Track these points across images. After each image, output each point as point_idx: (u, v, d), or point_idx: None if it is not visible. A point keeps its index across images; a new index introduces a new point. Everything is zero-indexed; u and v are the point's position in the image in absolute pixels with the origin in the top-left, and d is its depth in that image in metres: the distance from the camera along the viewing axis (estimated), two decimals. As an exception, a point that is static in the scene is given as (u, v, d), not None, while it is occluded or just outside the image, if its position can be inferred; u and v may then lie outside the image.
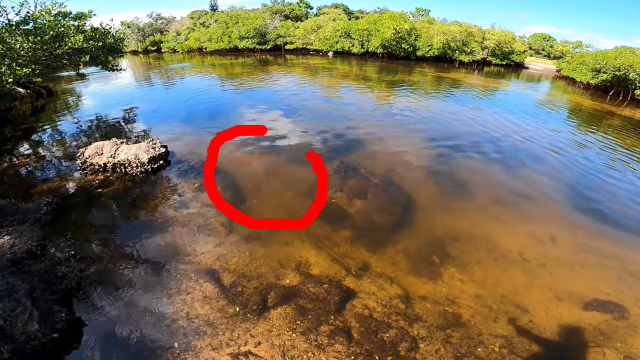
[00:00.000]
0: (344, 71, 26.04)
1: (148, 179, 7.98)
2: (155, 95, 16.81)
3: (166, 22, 44.84)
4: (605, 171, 10.02)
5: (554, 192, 8.44)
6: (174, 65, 28.78)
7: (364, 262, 5.61)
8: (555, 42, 47.71)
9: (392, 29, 33.20)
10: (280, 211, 6.86)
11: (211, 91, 17.47)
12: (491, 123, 13.85)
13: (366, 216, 6.84)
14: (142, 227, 6.33)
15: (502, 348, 4.33)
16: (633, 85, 22.86)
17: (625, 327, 4.83)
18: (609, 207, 7.95)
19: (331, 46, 36.77)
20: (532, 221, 7.11)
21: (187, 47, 38.46)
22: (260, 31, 37.11)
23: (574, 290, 5.38)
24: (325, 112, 13.86)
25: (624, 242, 6.74)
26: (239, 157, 9.27)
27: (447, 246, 6.13)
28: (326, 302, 4.75)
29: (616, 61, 23.49)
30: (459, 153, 10.34)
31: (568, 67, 30.79)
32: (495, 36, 37.05)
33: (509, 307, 4.95)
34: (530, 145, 11.57)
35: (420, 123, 13.13)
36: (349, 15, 46.54)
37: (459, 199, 7.77)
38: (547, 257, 6.06)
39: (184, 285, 5.00)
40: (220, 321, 4.45)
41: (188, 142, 10.09)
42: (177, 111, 13.54)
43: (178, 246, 5.80)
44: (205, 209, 6.85)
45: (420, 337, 4.41)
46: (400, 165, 9.25)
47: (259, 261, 5.52)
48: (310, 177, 8.20)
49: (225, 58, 31.74)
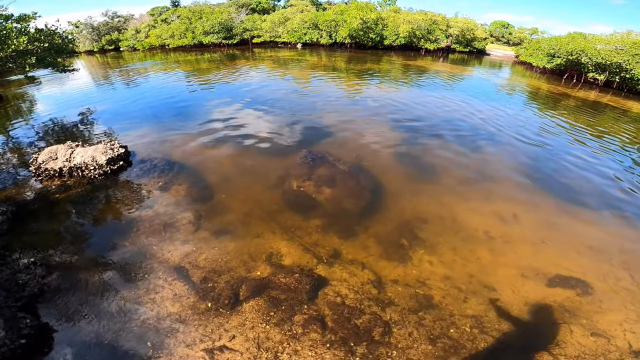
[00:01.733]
0: (313, 62, 25.89)
1: (108, 181, 7.63)
2: (115, 96, 15.97)
3: (124, 20, 42.47)
4: (562, 150, 10.66)
5: (515, 170, 8.86)
6: (135, 64, 27.44)
7: (335, 250, 5.66)
8: (513, 29, 49.71)
9: (359, 19, 33.30)
10: (251, 203, 6.78)
11: (176, 88, 16.84)
12: (456, 108, 14.33)
13: (336, 203, 6.90)
14: (105, 230, 6.08)
15: (473, 328, 4.42)
16: (585, 69, 24.30)
17: (589, 303, 4.98)
18: (566, 183, 8.41)
19: (299, 38, 36.40)
20: (495, 200, 7.41)
21: (148, 45, 36.67)
22: (226, 25, 36.02)
23: (538, 267, 5.56)
24: (295, 103, 13.77)
25: (582, 217, 7.08)
26: (204, 152, 9.04)
27: (416, 228, 6.27)
28: (298, 292, 4.77)
29: (569, 46, 24.86)
30: (426, 137, 10.63)
31: (525, 53, 32.27)
32: (458, 24, 38.09)
33: (477, 286, 5.08)
34: (492, 128, 12.09)
35: (388, 110, 13.34)
36: (317, 6, 46.09)
37: (427, 181, 8.00)
38: (510, 234, 6.29)
39: (152, 284, 4.88)
40: (192, 318, 4.40)
41: (151, 141, 9.70)
42: (140, 110, 12.96)
43: (144, 246, 5.63)
44: (171, 207, 6.65)
45: (393, 321, 4.48)
46: (369, 151, 9.38)
47: (229, 255, 5.45)
48: (280, 167, 8.16)
49: (189, 54, 30.61)
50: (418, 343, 4.18)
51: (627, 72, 21.88)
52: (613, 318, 4.74)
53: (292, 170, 7.97)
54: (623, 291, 5.21)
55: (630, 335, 4.50)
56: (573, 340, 4.37)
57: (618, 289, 5.25)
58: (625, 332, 4.54)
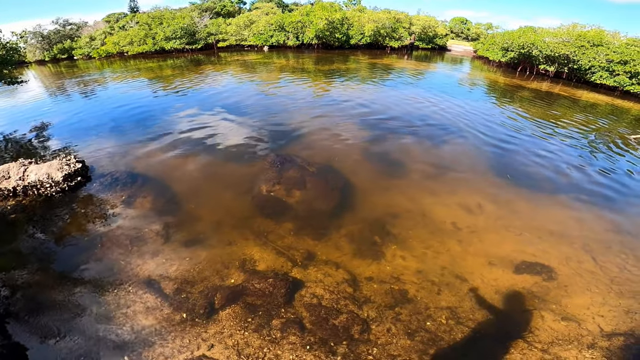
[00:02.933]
0: (280, 65, 25.79)
1: (67, 198, 7.22)
2: (72, 107, 15.07)
3: (77, 28, 40.11)
4: (520, 139, 11.27)
5: (477, 162, 9.28)
6: (92, 73, 26.05)
7: (308, 251, 5.68)
8: (471, 25, 52.15)
9: (324, 20, 33.56)
10: (221, 211, 6.66)
11: (138, 96, 16.17)
12: (422, 104, 14.80)
13: (307, 205, 6.93)
14: (68, 248, 5.80)
15: (449, 319, 4.52)
16: (537, 61, 25.87)
17: (555, 287, 5.12)
18: (525, 171, 8.87)
19: (266, 40, 36.11)
20: (460, 191, 7.68)
21: (104, 53, 34.89)
22: (189, 30, 35.00)
23: (504, 254, 5.73)
24: (263, 107, 13.64)
25: (540, 202, 7.43)
26: (170, 162, 8.75)
27: (387, 224, 6.40)
28: (274, 296, 4.76)
29: (520, 40, 26.38)
30: (393, 134, 10.89)
31: (483, 48, 33.91)
32: (420, 21, 39.37)
33: (449, 278, 5.19)
34: (455, 122, 12.60)
35: (356, 109, 13.54)
36: (282, 8, 45.95)
37: (395, 177, 8.20)
38: (476, 224, 6.50)
39: (123, 299, 4.73)
40: (169, 329, 4.30)
41: (111, 153, 9.26)
42: (99, 122, 12.32)
43: (110, 262, 5.42)
44: (137, 220, 6.40)
45: (371, 318, 4.53)
46: (338, 151, 9.47)
47: (201, 265, 5.34)
48: (249, 173, 8.06)
49: (151, 61, 29.45)
50: (397, 338, 4.25)
51: (574, 63, 23.56)
52: (580, 302, 4.88)
53: (261, 175, 7.90)
54: (586, 274, 5.40)
55: (599, 318, 4.62)
56: (545, 325, 4.48)
57: (581, 271, 5.44)
58: (594, 315, 4.67)
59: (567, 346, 4.23)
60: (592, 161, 9.91)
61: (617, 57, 21.49)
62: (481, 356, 4.15)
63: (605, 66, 22.04)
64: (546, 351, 4.15)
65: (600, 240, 6.28)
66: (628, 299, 4.97)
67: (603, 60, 22.08)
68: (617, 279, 5.36)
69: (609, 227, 6.72)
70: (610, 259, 5.79)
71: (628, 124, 15.06)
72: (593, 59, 22.52)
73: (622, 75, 21.08)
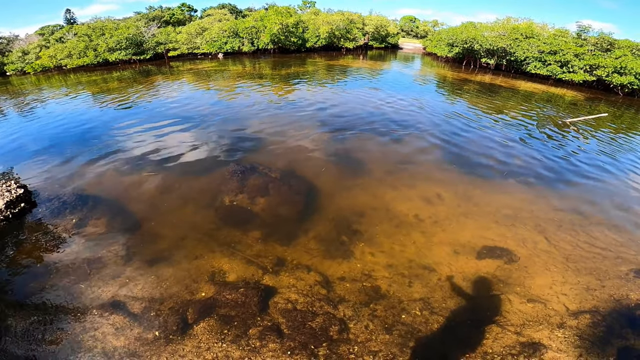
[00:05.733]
0: (237, 71, 25.35)
1: (11, 226, 6.57)
2: (7, 128, 13.66)
3: (6, 42, 36.58)
4: (470, 129, 12.06)
5: (432, 154, 9.78)
6: (27, 89, 23.86)
7: (278, 258, 5.64)
8: (419, 23, 54.86)
9: (278, 24, 33.51)
10: (184, 226, 6.41)
11: (82, 113, 15.03)
12: (378, 102, 15.31)
13: (272, 212, 6.87)
14: (20, 277, 5.31)
15: (423, 310, 4.63)
16: (478, 55, 27.83)
17: (517, 270, 5.32)
18: (475, 160, 9.47)
19: (220, 47, 35.27)
20: (419, 184, 8.01)
21: (40, 67, 31.96)
22: (135, 40, 33.16)
23: (465, 241, 5.97)
24: (219, 116, 13.29)
25: (493, 188, 7.93)
26: (122, 180, 8.23)
27: (353, 223, 6.49)
28: (247, 305, 4.67)
29: (463, 35, 28.23)
30: (352, 134, 11.15)
31: (431, 44, 35.87)
32: (373, 21, 40.72)
33: (417, 270, 5.34)
34: (410, 117, 13.20)
35: (315, 111, 13.68)
36: (236, 14, 45.19)
37: (357, 176, 8.39)
38: (437, 214, 6.78)
39: (89, 322, 4.44)
40: (142, 349, 4.09)
41: (57, 176, 8.52)
42: (40, 143, 11.29)
43: (69, 287, 5.05)
44: (92, 243, 5.98)
45: (348, 317, 4.55)
46: (299, 155, 9.49)
47: (168, 282, 5.12)
48: (209, 185, 7.84)
49: (94, 74, 27.54)
50: (376, 334, 4.30)
51: (511, 55, 25.62)
52: (542, 282, 5.11)
53: (222, 186, 7.70)
54: (543, 254, 5.71)
55: (563, 297, 4.85)
56: (514, 308, 4.66)
57: (538, 252, 5.75)
58: (558, 294, 4.90)
59: (538, 327, 4.41)
60: (536, 146, 10.86)
61: (547, 48, 23.71)
62: (459, 343, 4.25)
63: (538, 57, 24.23)
64: (520, 333, 4.32)
65: (550, 219, 6.76)
66: (585, 276, 5.31)
67: (535, 51, 24.26)
68: (572, 256, 5.74)
69: (557, 206, 7.29)
70: (562, 237, 6.22)
71: (564, 109, 16.69)
72: (527, 50, 24.65)
73: (554, 65, 23.29)
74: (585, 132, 12.93)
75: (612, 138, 12.44)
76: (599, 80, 21.71)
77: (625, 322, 4.55)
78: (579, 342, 4.23)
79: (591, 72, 21.86)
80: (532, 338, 4.27)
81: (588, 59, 21.87)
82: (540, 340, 4.25)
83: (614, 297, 4.95)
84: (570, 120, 14.01)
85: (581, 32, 24.67)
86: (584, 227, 6.57)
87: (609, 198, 7.82)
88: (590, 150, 10.86)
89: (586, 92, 21.29)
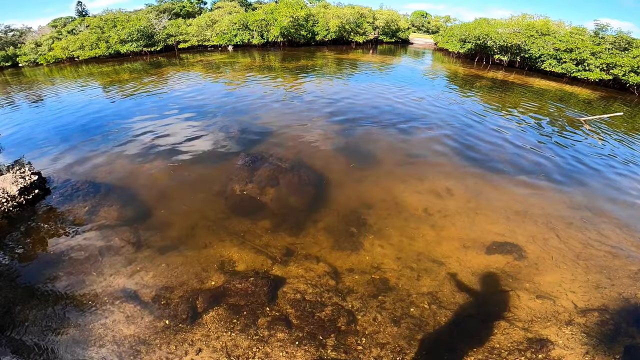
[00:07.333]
0: (246, 64, 25.34)
1: (26, 213, 6.73)
2: (21, 118, 13.92)
3: (19, 34, 37.06)
4: (482, 125, 11.89)
5: (443, 148, 9.67)
6: (40, 81, 24.21)
7: (287, 248, 5.66)
8: (431, 18, 54.03)
9: (289, 17, 33.33)
10: (194, 215, 6.48)
11: (94, 103, 15.23)
12: (388, 96, 15.17)
13: (282, 202, 6.89)
14: (33, 265, 5.41)
15: (432, 304, 4.60)
16: (491, 51, 27.32)
17: (527, 266, 5.27)
18: (487, 155, 9.34)
19: (230, 40, 35.26)
20: (429, 177, 7.95)
21: (53, 59, 32.34)
22: (146, 32, 33.33)
23: (475, 236, 5.91)
24: (229, 107, 13.35)
25: (503, 184, 7.82)
26: (134, 169, 8.34)
27: (363, 215, 6.47)
28: (257, 295, 4.71)
29: (476, 31, 27.70)
30: (362, 127, 11.09)
31: (442, 40, 35.30)
32: (383, 16, 40.23)
33: (426, 263, 5.31)
34: (421, 111, 13.05)
35: (325, 104, 13.63)
36: (246, 7, 45.04)
37: (367, 168, 8.36)
38: (447, 209, 6.71)
39: (100, 310, 4.51)
40: (153, 337, 4.15)
41: (70, 163, 8.68)
42: (53, 131, 11.50)
43: (81, 274, 5.13)
44: (104, 230, 6.08)
45: (356, 309, 4.54)
46: (308, 146, 9.49)
47: (178, 270, 5.18)
48: (219, 174, 7.89)
49: (105, 65, 27.79)
50: (384, 327, 4.29)
51: (525, 52, 25.10)
52: (551, 279, 5.06)
53: (232, 175, 7.74)
54: (553, 251, 5.65)
55: (572, 295, 4.82)
56: (522, 304, 4.64)
57: (548, 249, 5.69)
58: (567, 292, 4.86)
59: (546, 323, 4.38)
60: (548, 143, 10.66)
61: (563, 46, 23.16)
62: (467, 338, 4.23)
63: (553, 54, 23.69)
64: (527, 329, 4.29)
65: (562, 217, 6.65)
66: (595, 274, 5.22)
67: (551, 49, 23.72)
68: (582, 254, 5.64)
69: (569, 204, 7.16)
70: (573, 235, 6.12)
71: (578, 107, 16.33)
72: (542, 47, 24.11)
73: (569, 63, 22.75)
74: (599, 130, 12.65)
75: (627, 137, 12.16)
76: (615, 79, 21.16)
77: (633, 321, 4.48)
78: (586, 339, 4.19)
79: (608, 71, 21.31)
80: (540, 334, 4.23)
81: (605, 58, 21.30)
82: (548, 336, 4.21)
83: (623, 296, 4.86)
84: (585, 119, 13.72)
85: (599, 30, 24.00)
86: (595, 226, 6.46)
87: (621, 197, 7.66)
88: (604, 149, 10.64)
89: (601, 91, 20.78)
